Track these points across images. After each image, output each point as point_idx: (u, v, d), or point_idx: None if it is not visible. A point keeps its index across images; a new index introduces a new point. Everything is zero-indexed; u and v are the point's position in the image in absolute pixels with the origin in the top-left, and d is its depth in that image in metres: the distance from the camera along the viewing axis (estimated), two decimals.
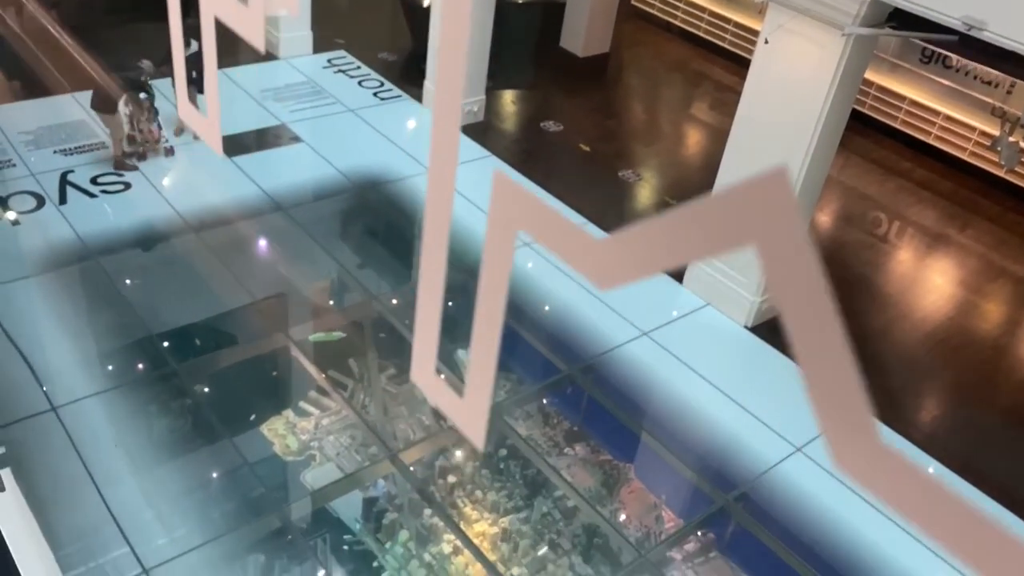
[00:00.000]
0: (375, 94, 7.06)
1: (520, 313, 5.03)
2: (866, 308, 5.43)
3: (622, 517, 3.98)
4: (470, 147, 6.49)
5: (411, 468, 4.06)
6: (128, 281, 4.82)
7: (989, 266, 6.03)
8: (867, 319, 5.33)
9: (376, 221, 5.84)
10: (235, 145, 6.09)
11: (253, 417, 4.15)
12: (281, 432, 4.11)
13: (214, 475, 3.92)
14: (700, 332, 5.03)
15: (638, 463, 4.32)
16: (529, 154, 6.55)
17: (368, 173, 6.05)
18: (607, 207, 6.05)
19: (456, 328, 5.21)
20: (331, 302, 5.12)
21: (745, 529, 3.96)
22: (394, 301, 5.04)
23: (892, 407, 4.63)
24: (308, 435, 4.12)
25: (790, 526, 3.93)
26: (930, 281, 5.95)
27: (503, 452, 4.22)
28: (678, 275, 5.36)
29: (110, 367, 4.26)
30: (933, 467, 4.31)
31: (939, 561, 3.83)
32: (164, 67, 5.79)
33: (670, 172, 6.81)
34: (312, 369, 4.49)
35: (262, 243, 5.50)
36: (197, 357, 4.43)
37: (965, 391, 4.89)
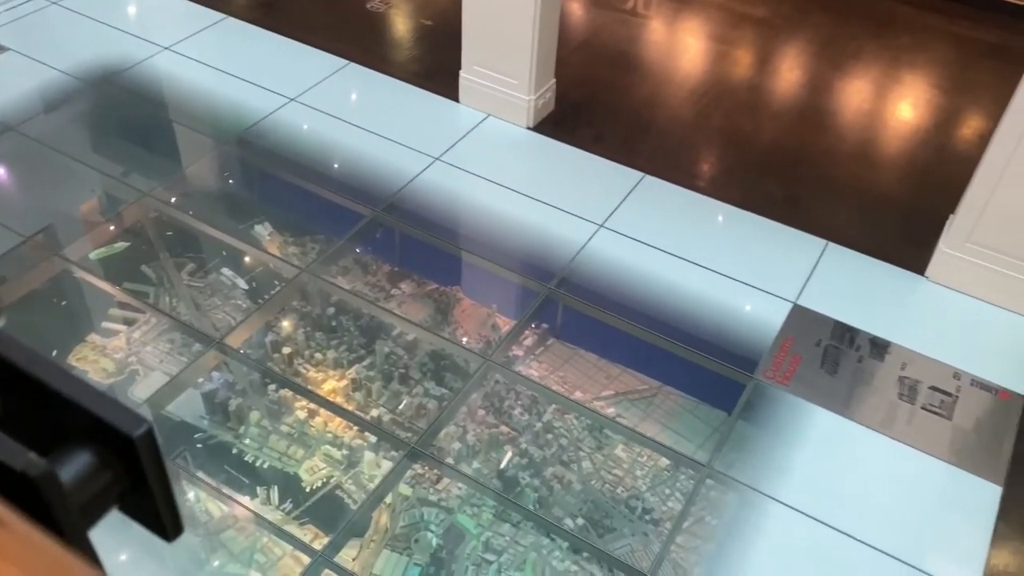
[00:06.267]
0: None
1: (309, 172, 4.87)
2: (633, 81, 5.66)
3: (463, 338, 4.11)
4: (202, 13, 5.97)
5: (241, 351, 3.97)
6: None
7: (730, 15, 6.39)
8: (636, 90, 5.57)
9: (125, 115, 5.34)
10: None
11: (55, 353, 3.86)
12: (91, 358, 3.87)
13: None
14: (487, 143, 5.09)
15: (464, 282, 4.43)
16: (267, 7, 6.12)
17: (98, 66, 5.46)
18: (363, 43, 5.83)
19: (244, 205, 5.00)
20: (103, 213, 4.72)
21: (573, 310, 4.21)
22: (172, 197, 4.72)
23: (674, 166, 4.95)
24: (123, 352, 3.90)
25: (612, 295, 4.22)
26: (683, 42, 6.25)
27: (331, 311, 4.19)
28: (453, 94, 5.33)
29: None
30: (721, 209, 4.70)
31: (750, 289, 4.27)
32: None
33: None
34: (105, 286, 4.19)
35: (2, 173, 4.92)
36: None
37: (733, 134, 5.29)
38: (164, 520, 0.48)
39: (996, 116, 3.83)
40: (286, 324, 4.13)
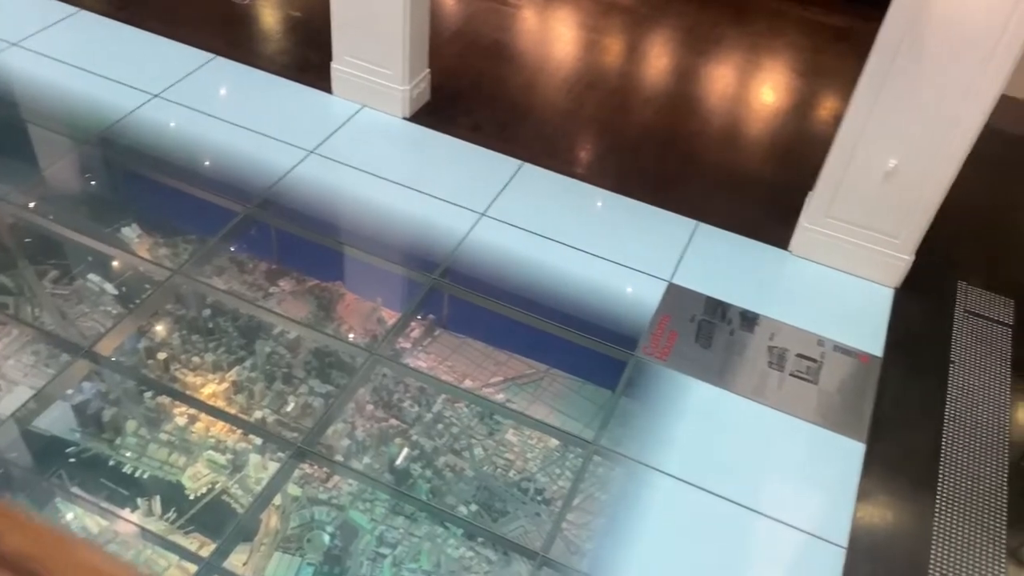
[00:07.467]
0: None
1: (177, 170, 4.69)
2: (507, 70, 5.71)
3: (348, 333, 4.07)
4: (52, 6, 5.64)
5: (113, 359, 3.80)
6: None
7: (598, 4, 6.53)
8: (511, 79, 5.62)
9: None
10: None
11: None
12: None
13: None
14: (364, 135, 5.03)
15: (346, 277, 4.38)
16: None
17: None
18: (229, 36, 5.64)
19: (109, 207, 4.78)
20: None
21: (458, 299, 4.23)
22: (30, 202, 4.46)
23: (551, 153, 5.03)
24: None
25: (496, 282, 4.26)
26: (555, 30, 6.34)
27: (207, 312, 4.06)
28: (325, 86, 5.24)
29: None
30: (598, 194, 4.82)
31: (628, 271, 4.40)
32: None
33: None
34: None
35: None
36: None
37: (606, 120, 5.42)
38: None
39: (848, 97, 4.07)
40: (160, 328, 3.98)
